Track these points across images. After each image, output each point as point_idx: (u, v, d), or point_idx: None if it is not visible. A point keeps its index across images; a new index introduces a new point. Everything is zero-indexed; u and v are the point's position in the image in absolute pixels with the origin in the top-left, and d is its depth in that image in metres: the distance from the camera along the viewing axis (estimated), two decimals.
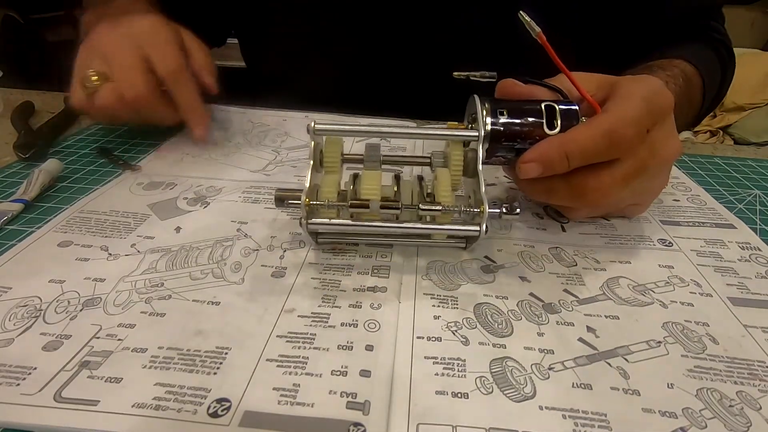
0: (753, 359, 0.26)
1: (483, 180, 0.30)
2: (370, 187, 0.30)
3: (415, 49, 0.56)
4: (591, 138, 0.30)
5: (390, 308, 0.28)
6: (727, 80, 0.58)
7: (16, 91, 0.59)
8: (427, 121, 0.56)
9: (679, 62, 0.49)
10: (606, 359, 0.25)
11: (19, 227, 0.34)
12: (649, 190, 0.36)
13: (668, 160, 0.34)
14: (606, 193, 0.32)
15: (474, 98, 0.33)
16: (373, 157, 0.34)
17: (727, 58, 0.57)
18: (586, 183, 0.32)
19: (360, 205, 0.30)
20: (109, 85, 0.41)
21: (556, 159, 0.30)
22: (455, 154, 0.32)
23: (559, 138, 0.31)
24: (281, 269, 0.31)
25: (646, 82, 0.33)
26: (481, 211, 0.30)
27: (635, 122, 0.30)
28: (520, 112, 0.32)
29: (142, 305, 0.28)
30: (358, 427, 0.21)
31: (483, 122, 0.31)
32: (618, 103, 0.31)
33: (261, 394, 0.22)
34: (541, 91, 0.34)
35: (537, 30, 0.31)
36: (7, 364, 0.23)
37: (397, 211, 0.30)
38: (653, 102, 0.31)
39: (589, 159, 0.31)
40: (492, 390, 0.23)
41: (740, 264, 0.33)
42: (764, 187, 0.45)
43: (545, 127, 0.32)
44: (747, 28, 2.06)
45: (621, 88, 0.32)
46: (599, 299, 0.30)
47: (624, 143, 0.30)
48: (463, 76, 0.34)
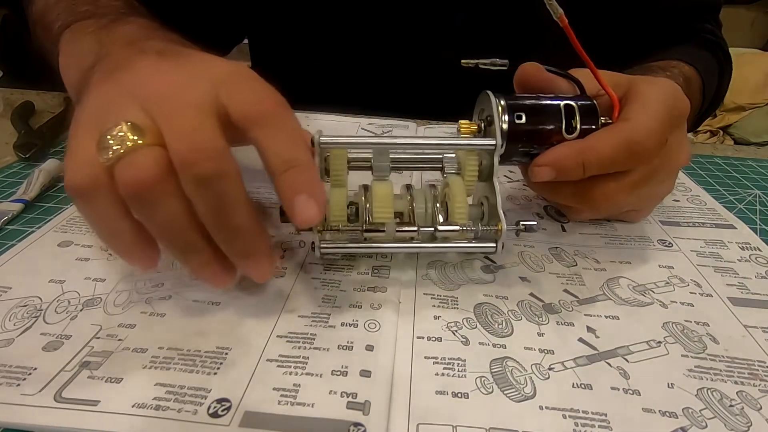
0: (753, 359, 0.26)
1: (500, 195, 0.29)
2: (383, 209, 0.29)
3: (421, 37, 0.55)
4: (611, 148, 0.29)
5: (390, 308, 0.28)
6: (724, 82, 0.58)
7: (16, 91, 0.59)
8: (428, 121, 0.56)
9: (677, 63, 0.49)
10: (606, 359, 0.25)
11: (19, 227, 0.34)
12: (654, 195, 0.35)
13: (678, 166, 0.33)
14: (611, 198, 0.31)
15: (488, 95, 0.31)
16: (382, 166, 0.31)
17: (723, 60, 0.57)
18: (592, 186, 0.31)
19: (374, 229, 0.29)
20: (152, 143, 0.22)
21: (571, 167, 0.29)
22: (470, 164, 0.30)
23: (577, 145, 0.29)
24: (281, 269, 0.31)
25: (664, 86, 0.31)
26: (498, 229, 0.29)
27: (658, 133, 0.29)
28: (539, 113, 0.30)
29: (143, 305, 0.28)
30: (358, 427, 0.21)
31: (500, 127, 0.29)
32: (639, 110, 0.30)
33: (261, 394, 0.22)
34: (560, 81, 0.32)
35: (559, 12, 0.28)
36: (7, 364, 0.23)
37: (413, 233, 0.29)
38: (674, 109, 0.30)
39: (606, 169, 0.30)
40: (492, 390, 0.23)
41: (740, 264, 0.33)
42: (764, 187, 0.45)
43: (564, 131, 0.30)
44: (747, 28, 2.06)
45: (640, 91, 0.31)
46: (599, 299, 0.30)
47: (644, 155, 0.29)
48: (472, 64, 0.32)
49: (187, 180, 0.22)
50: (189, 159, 0.21)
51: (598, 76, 0.31)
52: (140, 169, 0.21)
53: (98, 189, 0.22)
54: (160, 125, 0.22)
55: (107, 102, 0.24)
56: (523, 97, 0.31)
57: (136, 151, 0.21)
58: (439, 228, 0.29)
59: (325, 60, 0.59)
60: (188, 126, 0.22)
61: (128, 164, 0.21)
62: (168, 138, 0.22)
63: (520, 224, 0.29)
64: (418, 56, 0.56)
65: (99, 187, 0.22)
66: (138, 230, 0.23)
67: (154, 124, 0.22)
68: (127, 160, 0.21)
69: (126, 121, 0.22)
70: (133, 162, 0.21)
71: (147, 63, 0.25)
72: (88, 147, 0.22)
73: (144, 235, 0.23)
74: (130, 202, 0.22)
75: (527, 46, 0.39)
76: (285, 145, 0.24)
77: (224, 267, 0.24)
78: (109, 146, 0.21)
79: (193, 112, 0.22)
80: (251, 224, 0.23)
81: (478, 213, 0.31)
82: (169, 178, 0.22)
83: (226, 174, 0.22)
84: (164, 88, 0.23)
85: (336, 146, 0.29)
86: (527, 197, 0.41)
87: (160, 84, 0.23)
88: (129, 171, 0.21)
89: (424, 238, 0.30)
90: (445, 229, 0.29)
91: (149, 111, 0.22)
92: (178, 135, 0.22)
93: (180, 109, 0.22)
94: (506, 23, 0.52)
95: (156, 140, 0.22)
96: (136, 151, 0.21)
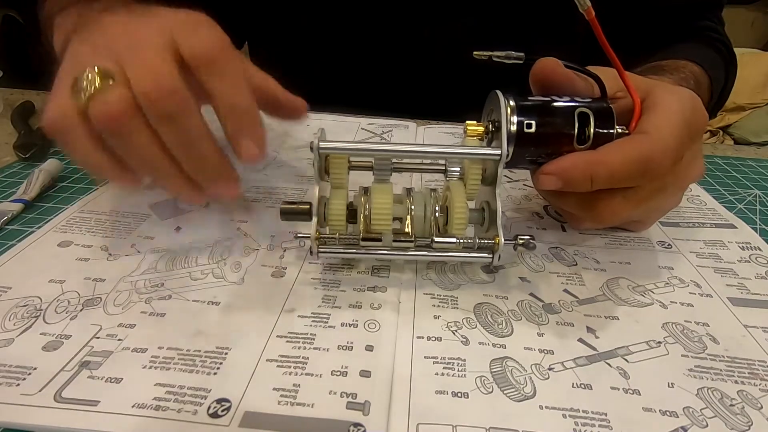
0: (754, 359, 0.26)
1: (500, 207, 0.28)
2: (381, 218, 0.28)
3: (422, 36, 0.55)
4: (623, 164, 0.27)
5: (390, 308, 0.28)
6: (730, 80, 0.57)
7: (16, 91, 0.59)
8: (428, 121, 0.56)
9: (686, 63, 0.48)
10: (606, 359, 0.25)
11: (19, 227, 0.34)
12: (661, 209, 0.34)
13: (689, 182, 0.32)
14: (617, 212, 0.30)
15: (497, 95, 0.29)
16: (383, 169, 0.30)
17: (728, 59, 0.56)
18: (598, 198, 0.29)
19: (372, 238, 0.29)
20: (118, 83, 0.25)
21: (579, 179, 0.28)
22: (473, 171, 0.29)
23: (587, 156, 0.28)
24: (281, 269, 0.31)
25: (684, 97, 0.30)
26: (496, 243, 0.28)
27: (675, 150, 0.28)
28: (551, 120, 0.28)
29: (142, 305, 0.28)
30: (358, 427, 0.21)
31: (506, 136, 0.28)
32: (658, 124, 0.28)
33: (261, 395, 0.22)
34: (579, 80, 0.30)
35: (587, 5, 0.26)
36: (7, 364, 0.23)
37: (410, 244, 0.29)
38: (692, 123, 0.29)
39: (615, 184, 0.28)
40: (492, 390, 0.23)
41: (740, 264, 0.33)
42: (764, 187, 0.45)
43: (575, 141, 0.28)
44: (747, 28, 2.06)
45: (660, 102, 0.29)
46: (599, 299, 0.30)
47: (657, 172, 0.28)
48: (485, 57, 0.30)
49: (152, 116, 0.25)
50: (151, 97, 0.25)
51: (625, 77, 0.29)
52: (109, 105, 0.25)
53: (72, 125, 0.25)
54: (125, 70, 0.25)
55: (80, 55, 0.28)
56: (535, 99, 0.29)
57: (105, 91, 0.25)
58: (436, 240, 0.29)
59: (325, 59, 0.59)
60: (148, 67, 0.25)
61: (98, 102, 0.25)
62: (132, 80, 0.25)
63: (519, 238, 0.29)
64: (419, 56, 0.56)
65: (72, 123, 0.25)
66: (112, 158, 0.27)
67: (121, 69, 0.25)
68: (97, 98, 0.25)
69: (94, 66, 0.25)
70: (103, 100, 0.25)
71: (115, 19, 0.29)
72: (63, 93, 0.26)
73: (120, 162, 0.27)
74: (105, 136, 0.26)
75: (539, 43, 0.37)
76: (228, 90, 0.27)
77: (196, 187, 0.28)
78: (82, 89, 0.25)
79: (151, 54, 0.25)
80: (214, 153, 0.27)
81: (479, 218, 0.31)
82: (136, 114, 0.25)
83: (186, 110, 0.25)
84: (128, 38, 0.27)
85: (335, 152, 0.29)
86: (527, 197, 0.41)
87: (125, 35, 0.27)
88: (99, 107, 0.25)
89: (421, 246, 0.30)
90: (442, 241, 0.29)
91: (116, 58, 0.26)
92: (140, 76, 0.25)
93: (140, 53, 0.26)
94: (514, 21, 0.51)
95: (123, 83, 0.25)
96: (105, 91, 0.25)
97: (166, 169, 0.27)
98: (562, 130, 0.28)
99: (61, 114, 0.25)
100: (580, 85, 0.30)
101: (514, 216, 0.38)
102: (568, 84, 0.30)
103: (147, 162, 0.27)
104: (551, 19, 0.29)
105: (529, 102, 0.29)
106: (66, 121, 0.25)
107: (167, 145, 0.26)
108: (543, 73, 0.30)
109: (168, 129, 0.26)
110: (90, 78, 0.25)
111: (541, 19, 0.30)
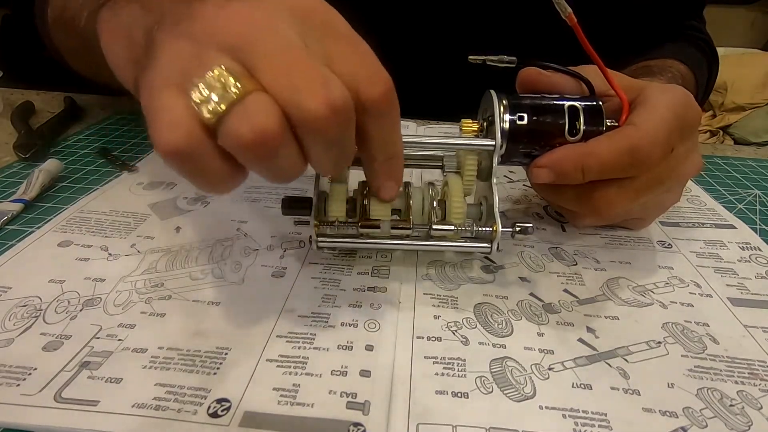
0: (754, 359, 0.26)
1: (497, 196, 0.29)
2: (380, 208, 0.29)
3: (422, 36, 0.55)
4: (612, 154, 0.28)
5: (390, 308, 0.28)
6: (712, 78, 0.58)
7: (16, 91, 0.59)
8: (427, 121, 0.56)
9: (673, 62, 0.49)
10: (606, 359, 0.25)
11: (19, 227, 0.34)
12: (659, 204, 0.34)
13: (686, 176, 0.32)
14: (613, 204, 0.30)
15: (490, 94, 0.30)
16: None
17: (711, 57, 0.57)
18: (593, 190, 0.30)
19: (370, 225, 0.29)
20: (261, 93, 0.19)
21: (570, 170, 0.29)
22: (469, 163, 0.30)
23: (578, 149, 0.29)
24: (281, 269, 0.31)
25: (676, 94, 0.30)
26: (494, 230, 0.29)
27: (664, 141, 0.28)
28: (542, 114, 0.30)
29: (142, 305, 0.28)
30: (358, 427, 0.21)
31: (500, 127, 0.29)
32: (646, 116, 0.29)
33: (261, 394, 0.22)
34: (565, 81, 0.31)
35: (568, 11, 0.28)
36: (7, 365, 0.23)
37: (408, 231, 0.29)
38: (684, 118, 0.29)
39: (606, 175, 0.29)
40: (492, 390, 0.23)
41: (740, 264, 0.33)
42: (764, 187, 0.45)
43: (566, 133, 0.29)
44: (747, 28, 2.06)
45: (650, 97, 0.30)
46: (599, 299, 0.30)
47: (647, 162, 0.28)
48: (480, 60, 0.31)
49: (311, 137, 0.20)
50: (321, 116, 0.19)
51: (608, 75, 0.30)
52: (259, 120, 0.19)
53: (199, 147, 0.19)
54: (256, 72, 0.19)
55: (186, 56, 0.20)
56: (527, 96, 0.31)
57: (247, 100, 0.19)
58: (435, 227, 0.29)
59: None
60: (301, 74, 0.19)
61: (242, 115, 0.19)
62: (276, 88, 0.19)
63: (516, 226, 0.29)
64: (419, 56, 0.56)
65: (200, 144, 0.19)
66: (233, 170, 0.21)
67: (247, 70, 0.19)
68: (239, 110, 0.19)
69: (221, 66, 0.19)
70: (249, 112, 0.19)
71: (212, 7, 0.21)
72: (176, 105, 0.19)
73: (240, 172, 0.21)
74: (239, 153, 0.20)
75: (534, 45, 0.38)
76: (392, 138, 0.24)
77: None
78: (208, 98, 0.19)
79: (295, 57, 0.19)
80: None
81: (477, 212, 0.31)
82: (288, 128, 0.20)
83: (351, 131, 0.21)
84: (246, 30, 0.20)
85: None
86: (527, 197, 0.41)
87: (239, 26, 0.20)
88: (246, 123, 0.19)
89: (420, 236, 0.30)
90: (440, 228, 0.29)
91: (238, 57, 0.19)
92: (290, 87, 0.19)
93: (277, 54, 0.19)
94: (513, 22, 0.52)
95: (256, 87, 0.19)
96: (247, 100, 0.19)
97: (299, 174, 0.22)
98: (554, 122, 0.30)
99: (185, 134, 0.19)
100: (568, 86, 0.31)
101: (514, 216, 0.38)
102: (552, 89, 0.31)
103: (288, 177, 0.22)
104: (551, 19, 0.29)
105: (522, 99, 0.30)
106: (192, 143, 0.19)
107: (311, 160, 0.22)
108: (525, 82, 0.31)
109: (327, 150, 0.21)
110: (219, 84, 0.19)
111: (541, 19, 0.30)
